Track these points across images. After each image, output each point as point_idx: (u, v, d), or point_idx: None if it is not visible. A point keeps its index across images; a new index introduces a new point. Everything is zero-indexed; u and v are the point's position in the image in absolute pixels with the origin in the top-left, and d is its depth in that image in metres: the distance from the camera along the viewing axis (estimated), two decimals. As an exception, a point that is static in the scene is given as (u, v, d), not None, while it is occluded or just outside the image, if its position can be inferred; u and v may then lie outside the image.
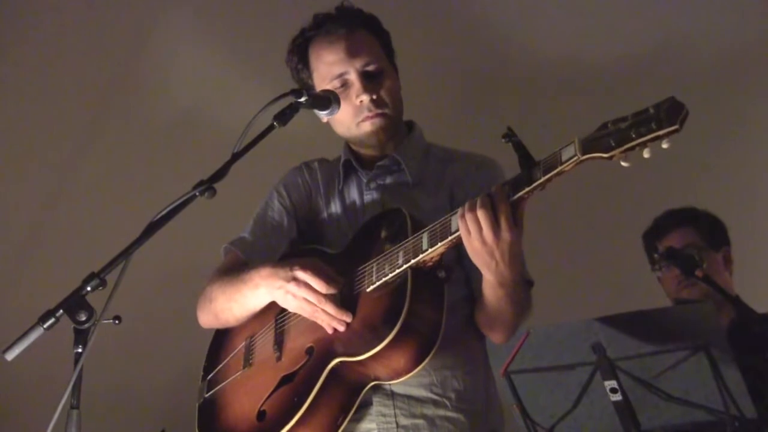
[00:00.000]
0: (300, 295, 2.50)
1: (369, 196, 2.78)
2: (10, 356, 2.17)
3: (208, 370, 2.84)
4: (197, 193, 2.40)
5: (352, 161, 2.83)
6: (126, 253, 2.29)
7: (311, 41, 2.81)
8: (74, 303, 2.20)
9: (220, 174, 2.44)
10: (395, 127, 2.79)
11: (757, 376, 3.47)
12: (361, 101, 2.72)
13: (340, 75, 2.74)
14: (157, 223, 2.36)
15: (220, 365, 2.80)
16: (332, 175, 2.88)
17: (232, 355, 2.79)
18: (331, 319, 2.49)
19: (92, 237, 4.43)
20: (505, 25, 4.72)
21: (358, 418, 2.54)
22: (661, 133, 2.01)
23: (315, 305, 2.49)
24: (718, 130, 4.60)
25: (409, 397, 2.57)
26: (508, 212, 2.27)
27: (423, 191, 2.74)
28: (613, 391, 3.23)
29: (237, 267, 2.74)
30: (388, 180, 2.79)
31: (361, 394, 2.49)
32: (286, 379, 2.55)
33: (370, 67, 2.74)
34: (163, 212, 2.37)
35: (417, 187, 2.76)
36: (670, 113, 2.00)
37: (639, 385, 3.23)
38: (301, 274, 2.50)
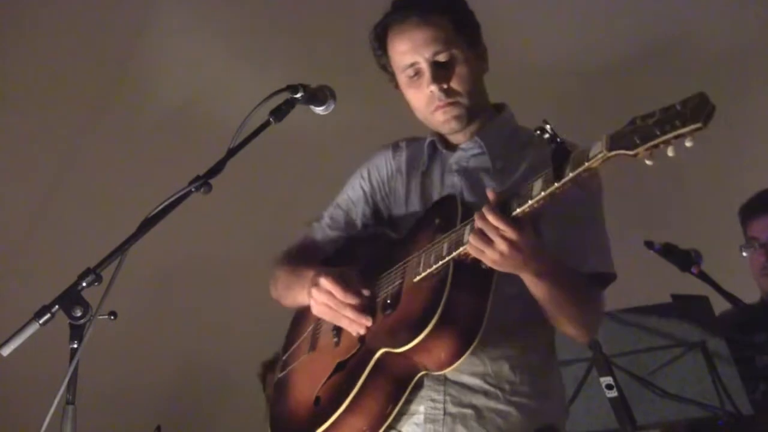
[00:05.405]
0: (321, 300, 2.56)
1: (449, 180, 2.72)
2: (5, 352, 2.17)
3: (285, 348, 2.86)
4: (193, 189, 2.40)
5: (436, 142, 2.79)
6: (121, 249, 2.29)
7: (389, 27, 2.74)
8: (70, 298, 2.20)
9: (215, 170, 2.44)
10: (470, 114, 2.69)
11: None
12: (431, 91, 2.67)
13: (412, 65, 2.68)
14: (153, 219, 2.35)
15: (294, 346, 2.83)
16: (417, 156, 2.83)
17: (303, 337, 2.81)
18: (350, 323, 2.53)
19: (88, 232, 4.43)
20: (502, 22, 4.72)
21: (409, 399, 2.52)
22: (684, 130, 1.95)
23: (335, 310, 2.54)
24: (718, 123, 4.60)
25: (462, 385, 2.54)
26: (499, 218, 2.26)
27: (504, 177, 2.67)
28: (609, 387, 3.24)
29: (305, 252, 2.81)
30: (471, 164, 2.72)
31: (411, 383, 2.48)
32: (340, 366, 2.56)
33: (441, 57, 2.65)
34: (159, 208, 2.36)
35: (498, 173, 2.67)
36: (696, 110, 1.95)
37: (635, 382, 3.23)
38: (322, 281, 2.55)
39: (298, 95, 2.62)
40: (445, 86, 2.65)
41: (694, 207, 4.72)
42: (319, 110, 2.73)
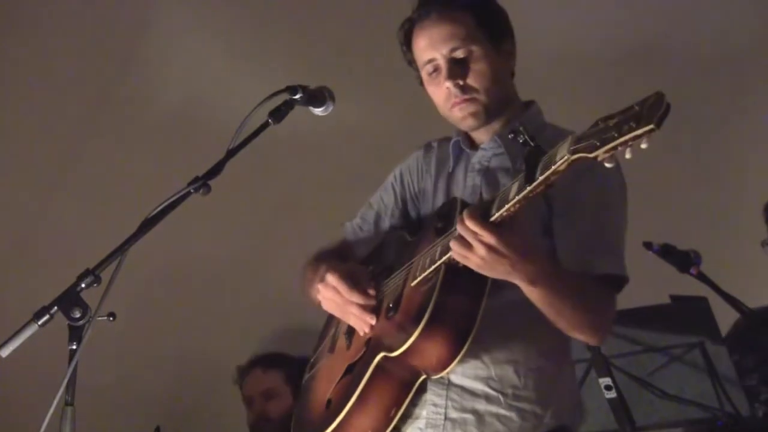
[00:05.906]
0: (326, 296, 2.57)
1: (470, 180, 2.70)
2: (4, 353, 2.18)
3: (315, 349, 2.88)
4: (192, 190, 2.40)
5: (460, 142, 2.76)
6: (121, 250, 2.29)
7: (414, 23, 2.72)
8: (69, 300, 2.20)
9: (214, 171, 2.44)
10: (489, 111, 2.65)
11: None
12: (447, 88, 2.64)
13: (430, 61, 2.66)
14: (152, 220, 2.36)
15: (320, 348, 2.84)
16: (446, 156, 2.81)
17: (327, 338, 2.82)
18: (356, 320, 2.54)
19: (87, 233, 4.43)
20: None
21: (414, 402, 2.51)
22: (639, 132, 1.89)
23: (341, 306, 2.55)
24: (716, 123, 4.60)
25: (464, 389, 2.52)
26: (477, 223, 2.22)
27: None
28: (608, 388, 3.24)
29: (334, 251, 2.81)
30: (493, 163, 2.69)
31: (414, 387, 2.47)
32: (349, 369, 2.56)
33: (457, 53, 2.63)
34: (158, 209, 2.37)
35: (518, 173, 2.47)
36: (650, 111, 1.89)
37: (634, 382, 3.24)
38: (328, 277, 2.56)
39: (297, 96, 2.62)
40: (461, 83, 2.62)
41: (693, 207, 4.72)
42: (318, 111, 2.73)
